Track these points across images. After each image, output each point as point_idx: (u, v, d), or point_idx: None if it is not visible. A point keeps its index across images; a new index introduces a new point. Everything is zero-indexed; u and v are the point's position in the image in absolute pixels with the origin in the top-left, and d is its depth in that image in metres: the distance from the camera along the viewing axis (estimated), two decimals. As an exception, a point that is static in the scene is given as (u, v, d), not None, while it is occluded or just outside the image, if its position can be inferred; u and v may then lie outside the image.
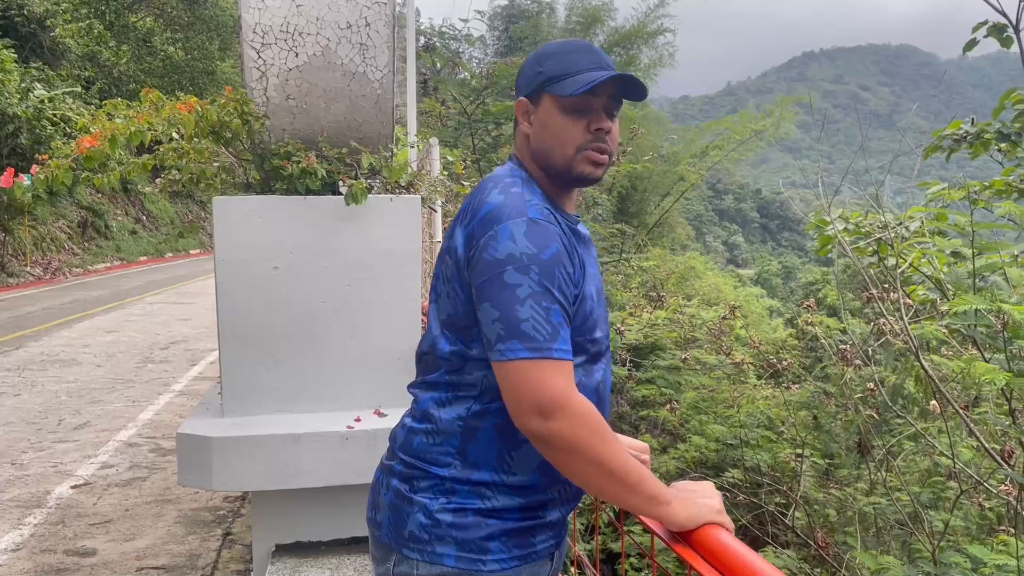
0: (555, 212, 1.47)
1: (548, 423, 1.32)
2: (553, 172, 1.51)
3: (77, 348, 10.36)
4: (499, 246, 1.37)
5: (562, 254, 1.39)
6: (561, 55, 1.50)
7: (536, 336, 1.33)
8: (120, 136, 3.01)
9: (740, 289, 25.07)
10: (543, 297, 1.34)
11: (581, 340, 1.47)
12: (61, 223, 22.97)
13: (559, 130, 1.48)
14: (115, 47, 28.89)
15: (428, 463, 1.49)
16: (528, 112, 1.54)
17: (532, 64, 1.53)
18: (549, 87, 1.48)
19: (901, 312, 4.27)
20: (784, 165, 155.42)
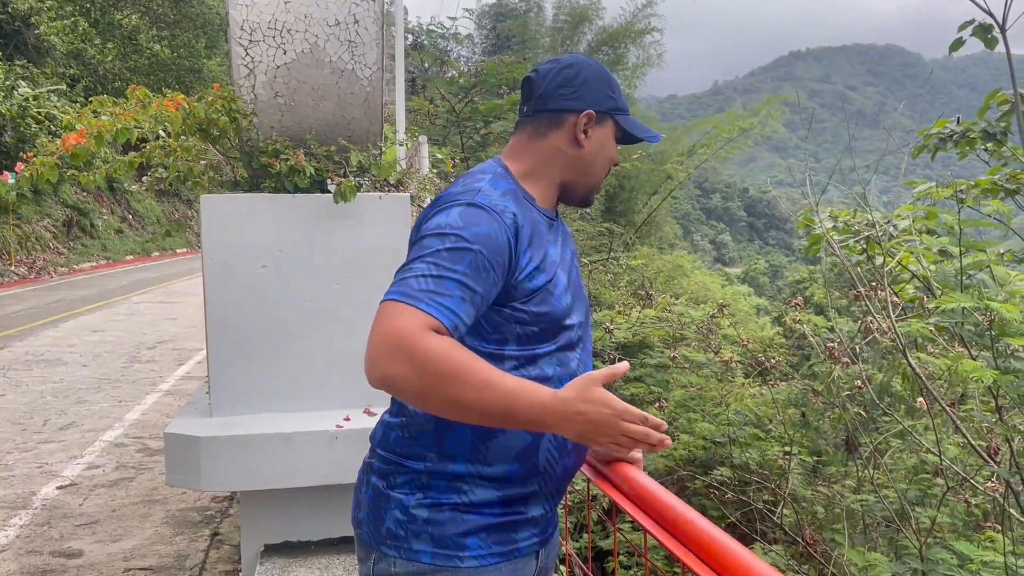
0: (521, 206, 1.47)
1: (385, 366, 1.26)
2: (577, 184, 1.60)
3: (62, 348, 10.28)
4: (435, 219, 1.40)
5: (491, 238, 1.36)
6: (619, 89, 1.62)
7: (415, 287, 1.30)
8: (106, 133, 2.98)
9: (728, 287, 25.16)
10: (446, 263, 1.32)
11: (547, 327, 1.47)
12: (46, 222, 22.79)
13: (610, 155, 1.61)
14: (100, 45, 28.71)
15: (404, 457, 1.49)
16: (589, 126, 1.57)
17: (602, 85, 1.58)
18: (618, 116, 1.59)
19: (888, 310, 4.30)
20: (771, 164, 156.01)
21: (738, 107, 31.21)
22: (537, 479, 1.49)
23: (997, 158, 5.25)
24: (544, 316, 1.46)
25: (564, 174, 1.57)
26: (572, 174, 1.58)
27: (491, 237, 1.37)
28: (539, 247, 1.47)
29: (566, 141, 1.56)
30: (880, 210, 5.37)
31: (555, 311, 1.47)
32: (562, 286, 1.50)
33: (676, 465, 6.15)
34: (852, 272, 4.95)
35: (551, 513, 1.58)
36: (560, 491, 1.56)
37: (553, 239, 1.55)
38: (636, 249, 15.98)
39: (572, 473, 1.57)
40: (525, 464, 1.47)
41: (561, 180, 1.58)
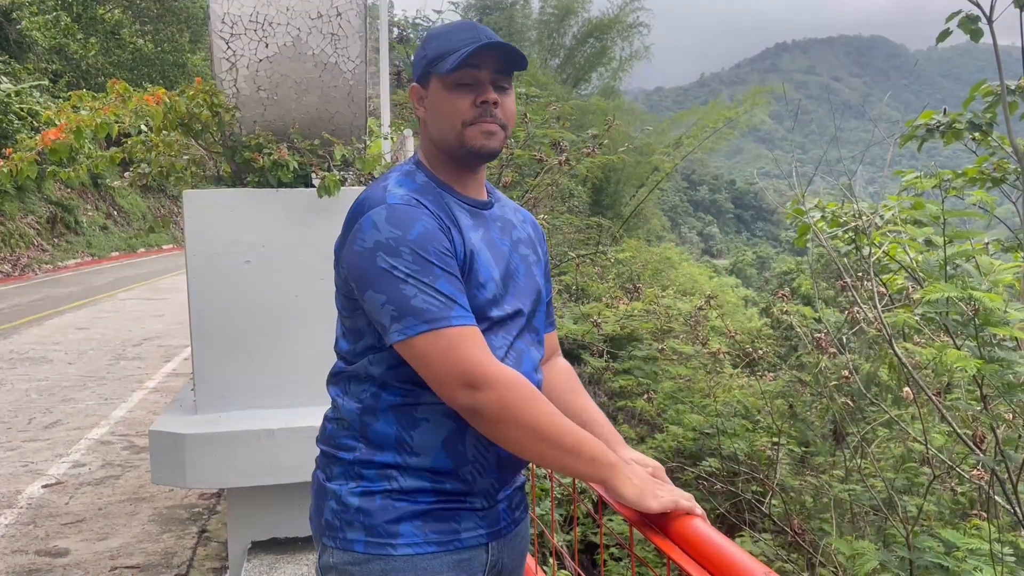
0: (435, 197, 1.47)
1: (476, 394, 1.33)
2: (449, 151, 1.52)
3: (47, 345, 10.20)
4: (365, 236, 1.40)
5: (431, 230, 1.40)
6: (442, 35, 1.51)
7: (429, 309, 1.35)
8: (86, 128, 2.95)
9: (715, 279, 25.23)
10: (423, 273, 1.36)
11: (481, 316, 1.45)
12: (30, 219, 22.59)
13: (447, 108, 1.49)
14: (83, 39, 28.41)
15: (337, 448, 1.51)
16: (421, 97, 1.55)
17: (419, 50, 1.55)
18: (433, 68, 1.49)
19: (875, 300, 4.31)
20: (757, 156, 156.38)
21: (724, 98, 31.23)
22: (467, 468, 1.47)
23: (984, 147, 5.28)
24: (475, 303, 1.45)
25: (436, 144, 1.54)
26: (436, 139, 1.53)
27: (429, 229, 1.40)
28: (457, 234, 1.46)
29: (420, 122, 1.58)
30: (867, 200, 5.39)
31: (477, 301, 1.45)
32: (487, 273, 1.48)
33: (665, 456, 6.16)
34: (838, 263, 4.96)
35: (503, 507, 1.54)
36: (501, 483, 1.53)
37: (476, 226, 1.52)
38: (624, 242, 15.99)
39: (511, 463, 1.52)
40: (452, 453, 1.45)
41: (442, 154, 1.54)
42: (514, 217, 1.67)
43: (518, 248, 1.60)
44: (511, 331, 1.52)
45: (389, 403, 1.46)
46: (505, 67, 1.50)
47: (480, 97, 1.48)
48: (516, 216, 1.68)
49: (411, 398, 1.45)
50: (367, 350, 1.48)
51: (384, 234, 1.38)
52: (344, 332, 1.54)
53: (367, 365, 1.47)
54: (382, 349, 1.45)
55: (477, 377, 1.33)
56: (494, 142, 1.50)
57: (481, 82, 1.48)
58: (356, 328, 1.49)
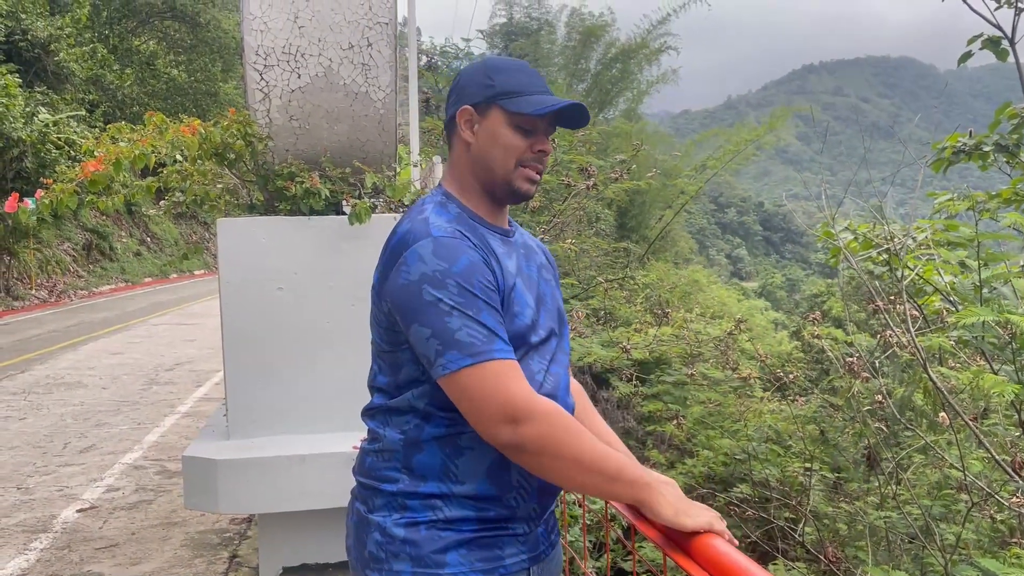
0: (470, 229, 1.48)
1: (519, 429, 1.34)
2: (490, 183, 1.54)
3: (82, 371, 10.36)
4: (411, 269, 1.41)
5: (476, 263, 1.41)
6: (511, 72, 1.53)
7: (473, 342, 1.36)
8: (124, 159, 3.02)
9: (744, 302, 25.02)
10: (468, 306, 1.37)
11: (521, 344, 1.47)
12: (66, 246, 23.05)
13: (505, 143, 1.51)
14: (119, 70, 29.09)
15: (379, 480, 1.51)
16: (472, 121, 1.53)
17: (479, 75, 1.54)
18: (501, 100, 1.50)
19: (908, 324, 4.26)
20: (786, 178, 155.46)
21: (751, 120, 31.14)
22: (512, 495, 1.48)
23: (1019, 169, 5.22)
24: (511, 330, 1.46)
25: (476, 177, 1.54)
26: (480, 173, 1.54)
27: (474, 263, 1.41)
28: (495, 263, 1.48)
29: (462, 144, 1.55)
30: (898, 222, 5.35)
31: (515, 328, 1.46)
32: (523, 300, 1.50)
33: (695, 482, 6.10)
34: (869, 286, 4.91)
35: (542, 530, 1.56)
36: (543, 508, 1.54)
37: (508, 253, 1.54)
38: (651, 265, 15.93)
39: (551, 488, 1.54)
40: (496, 480, 1.46)
41: (479, 184, 1.55)
42: (532, 243, 1.70)
43: (541, 273, 1.63)
44: (546, 355, 1.54)
45: (433, 434, 1.47)
46: (563, 123, 1.56)
47: (538, 145, 1.53)
48: (532, 242, 1.71)
49: (456, 428, 1.45)
50: (410, 383, 1.48)
51: (430, 267, 1.39)
52: (382, 367, 1.54)
53: (411, 399, 1.48)
54: (426, 382, 1.46)
55: (519, 411, 1.34)
56: (534, 188, 1.56)
57: (539, 130, 1.52)
58: (396, 362, 1.50)
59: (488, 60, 1.58)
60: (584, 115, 1.53)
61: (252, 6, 3.19)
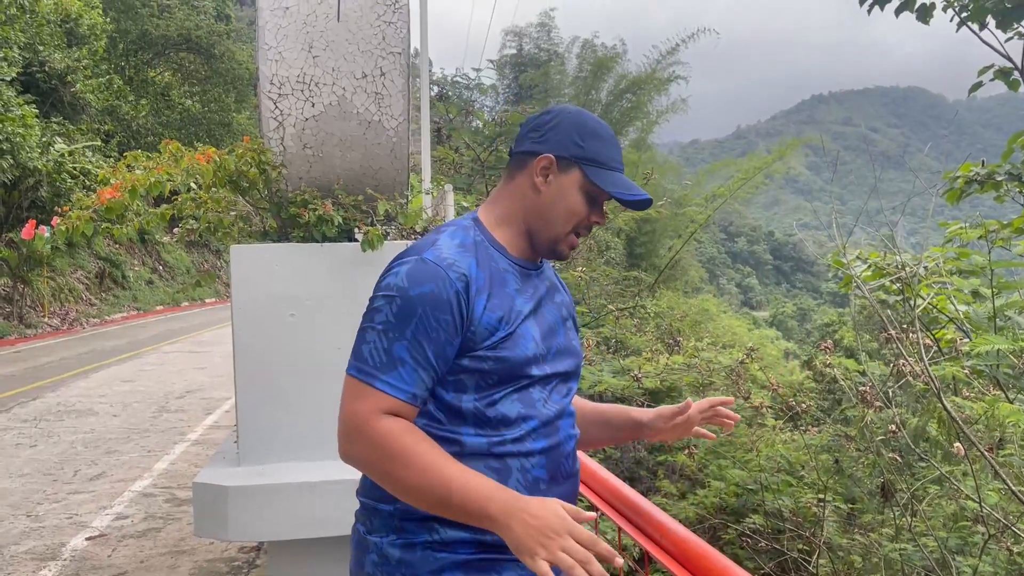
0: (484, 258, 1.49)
1: (346, 446, 1.42)
2: (538, 234, 1.55)
3: (93, 398, 10.39)
4: (387, 277, 1.47)
5: (434, 296, 1.40)
6: (603, 142, 1.53)
7: (368, 360, 1.41)
8: (140, 187, 3.05)
9: (755, 331, 24.91)
10: (393, 329, 1.40)
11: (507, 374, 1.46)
12: (79, 274, 23.21)
13: (571, 206, 1.52)
14: (134, 101, 29.51)
15: (376, 500, 1.52)
16: (549, 171, 1.52)
17: (571, 130, 1.52)
18: (585, 166, 1.51)
19: (921, 353, 4.23)
20: (796, 207, 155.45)
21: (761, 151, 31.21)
22: None
23: (1029, 198, 5.22)
24: (504, 361, 1.45)
25: (527, 220, 1.54)
26: (533, 220, 1.54)
27: (434, 295, 1.41)
28: (501, 297, 1.47)
29: (528, 184, 1.54)
30: (909, 252, 5.33)
31: (516, 358, 1.46)
32: (528, 335, 1.49)
33: (707, 513, 6.03)
34: (881, 315, 4.89)
35: None
36: None
37: (524, 289, 1.54)
38: (661, 293, 15.91)
39: None
40: None
41: (526, 227, 1.55)
42: (556, 280, 1.70)
43: (560, 310, 1.63)
44: (548, 387, 1.54)
45: None
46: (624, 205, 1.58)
47: (595, 216, 1.55)
48: (557, 279, 1.71)
49: (452, 448, 1.45)
50: None
51: (396, 280, 1.44)
52: None
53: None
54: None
55: (352, 430, 1.40)
56: (570, 255, 1.60)
57: (600, 202, 1.55)
58: None
59: (584, 116, 1.56)
60: (648, 206, 1.56)
61: (267, 36, 3.24)
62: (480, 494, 1.33)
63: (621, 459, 7.09)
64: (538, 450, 1.49)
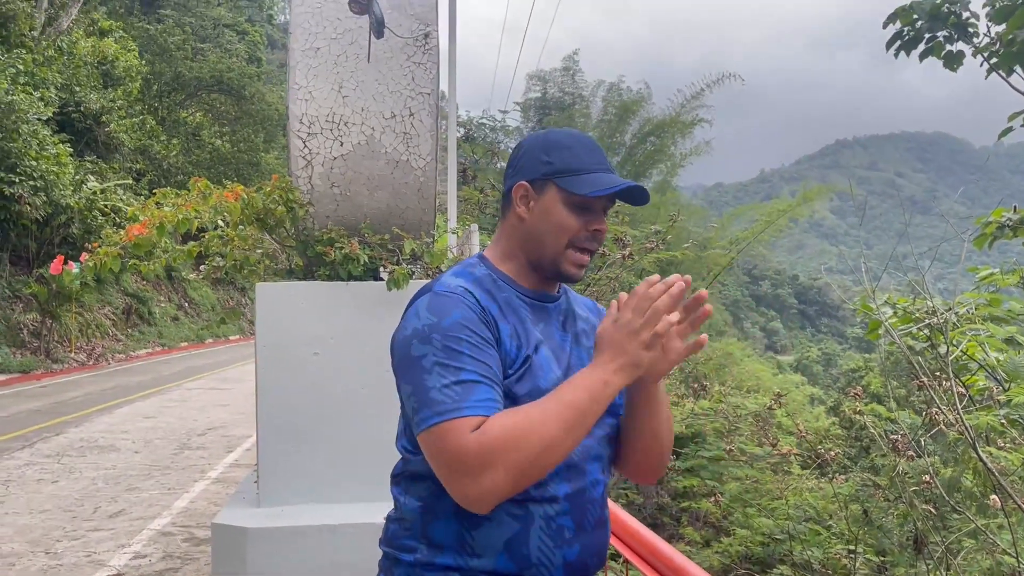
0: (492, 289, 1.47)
1: (485, 484, 1.27)
2: (539, 261, 1.51)
3: (116, 434, 10.40)
4: (407, 325, 1.42)
5: (467, 317, 1.38)
6: (570, 149, 1.50)
7: (445, 401, 1.32)
8: (168, 224, 3.07)
9: (779, 376, 24.60)
10: (450, 359, 1.34)
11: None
12: (107, 309, 23.45)
13: (559, 222, 1.48)
14: (166, 141, 30.07)
15: (398, 550, 1.47)
16: (528, 197, 1.51)
17: (536, 151, 1.52)
18: (558, 179, 1.48)
19: (955, 401, 4.14)
20: (821, 251, 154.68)
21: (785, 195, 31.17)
22: (532, 571, 1.40)
23: (1062, 244, 5.13)
24: (525, 398, 1.39)
25: (524, 252, 1.53)
26: (529, 250, 1.52)
27: (466, 318, 1.38)
28: (516, 325, 1.45)
29: (515, 218, 1.53)
30: (938, 297, 5.25)
31: (538, 390, 1.40)
32: (547, 365, 1.45)
33: (733, 562, 5.88)
34: (913, 361, 4.79)
35: None
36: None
37: (536, 320, 1.51)
38: (685, 337, 15.77)
39: (579, 567, 1.44)
40: (515, 556, 1.39)
41: (526, 259, 1.53)
42: (579, 309, 1.65)
43: (580, 341, 1.57)
44: None
45: (450, 502, 1.40)
46: (623, 200, 1.53)
47: (594, 224, 1.49)
48: (581, 308, 1.66)
49: None
50: None
51: (422, 321, 1.39)
52: (404, 428, 1.51)
53: (424, 461, 1.43)
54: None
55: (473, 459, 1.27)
56: (581, 273, 1.53)
57: (596, 209, 1.50)
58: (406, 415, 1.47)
59: (548, 134, 1.55)
60: (643, 194, 1.50)
61: (298, 76, 3.27)
62: (592, 384, 1.33)
63: (644, 505, 6.96)
64: (562, 495, 1.43)
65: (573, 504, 1.44)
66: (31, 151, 17.63)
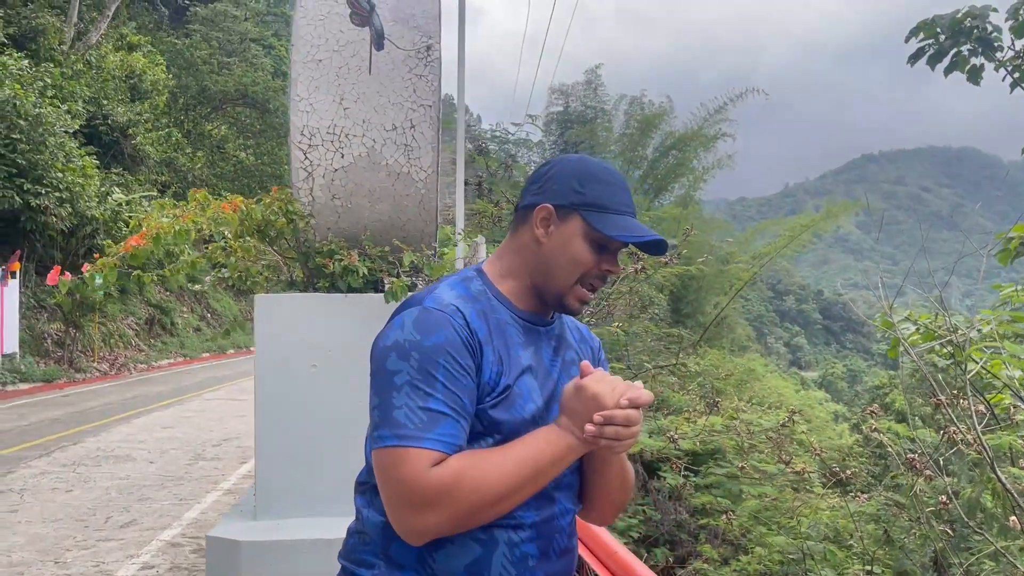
0: (485, 309, 1.43)
1: (429, 518, 1.28)
2: (544, 287, 1.47)
3: (133, 444, 10.46)
4: (389, 334, 1.38)
5: (451, 342, 1.35)
6: (604, 184, 1.46)
7: (407, 424, 1.30)
8: (165, 235, 3.06)
9: (802, 392, 24.32)
10: (423, 382, 1.31)
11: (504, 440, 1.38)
12: (130, 320, 23.69)
13: (576, 255, 1.45)
14: (191, 153, 30.43)
15: (356, 565, 1.43)
16: (549, 221, 1.46)
17: (569, 177, 1.47)
18: (585, 212, 1.44)
19: (973, 420, 4.04)
20: (845, 266, 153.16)
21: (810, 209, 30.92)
22: None
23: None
24: (501, 425, 1.37)
25: (531, 274, 1.48)
26: (537, 275, 1.47)
27: (450, 341, 1.35)
28: (502, 351, 1.41)
29: (530, 237, 1.48)
30: (962, 314, 5.14)
31: (514, 420, 1.38)
32: (528, 394, 1.41)
33: (748, 582, 5.78)
34: (931, 379, 4.69)
35: None
36: None
37: (527, 343, 1.46)
38: (705, 351, 15.64)
39: None
40: None
41: (531, 281, 1.48)
42: (570, 336, 1.60)
43: (569, 370, 1.52)
44: None
45: None
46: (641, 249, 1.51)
47: (606, 265, 1.46)
48: (573, 335, 1.61)
49: None
50: None
51: (405, 335, 1.36)
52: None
53: None
54: None
55: (424, 497, 1.27)
56: (582, 309, 1.51)
57: (612, 250, 1.47)
58: None
59: (586, 163, 1.50)
60: (661, 246, 1.47)
61: (300, 88, 3.26)
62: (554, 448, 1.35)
63: (661, 521, 6.86)
64: (528, 523, 1.39)
65: (539, 531, 1.41)
66: (57, 163, 17.89)
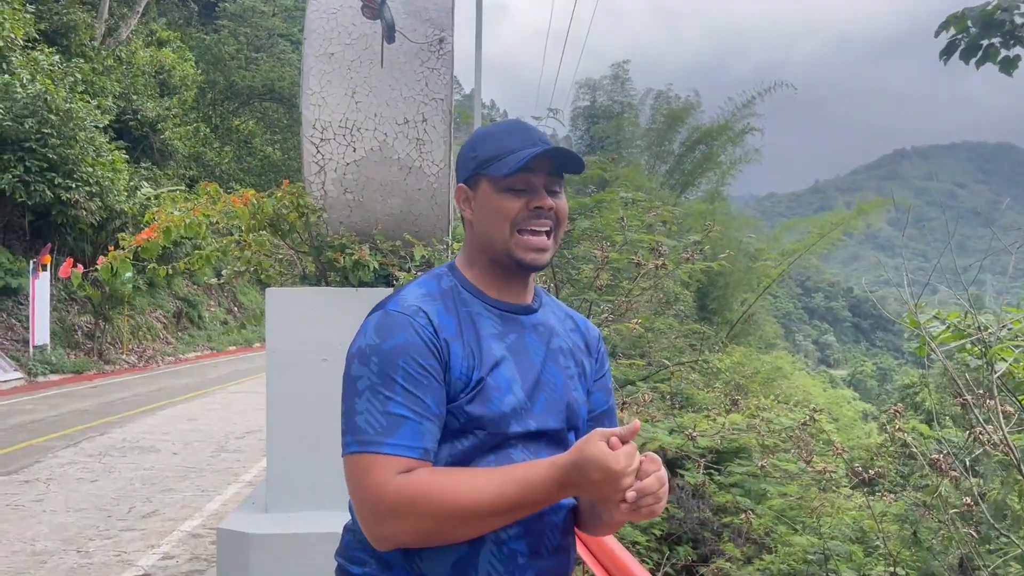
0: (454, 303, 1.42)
1: (389, 527, 1.27)
2: (495, 257, 1.46)
3: (157, 435, 10.57)
4: (356, 340, 1.40)
5: (410, 343, 1.34)
6: (494, 136, 1.47)
7: (367, 430, 1.30)
8: (175, 228, 3.07)
9: (830, 391, 24.05)
10: (383, 385, 1.31)
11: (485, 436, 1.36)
12: (158, 313, 23.97)
13: (496, 210, 1.44)
14: (218, 148, 30.70)
15: (349, 562, 1.43)
16: (468, 198, 1.49)
17: (467, 150, 1.51)
18: (484, 169, 1.45)
19: (1000, 421, 3.96)
20: (876, 263, 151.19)
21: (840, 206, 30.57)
22: None
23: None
24: (481, 420, 1.35)
25: (481, 251, 1.48)
26: (483, 247, 1.47)
27: (409, 343, 1.34)
28: (473, 344, 1.39)
29: (467, 224, 1.52)
30: (994, 313, 5.05)
31: (492, 414, 1.35)
32: (506, 386, 1.39)
33: (770, 582, 5.71)
34: (958, 378, 4.60)
35: None
36: None
37: (504, 333, 1.44)
38: (731, 349, 15.49)
39: None
40: (464, 574, 1.35)
41: (486, 258, 1.48)
42: (559, 324, 1.56)
43: (556, 359, 1.49)
44: (532, 448, 1.40)
45: None
46: (559, 171, 1.46)
47: (534, 202, 1.44)
48: (563, 324, 1.57)
49: None
50: None
51: (367, 340, 1.37)
52: None
53: None
54: None
55: (383, 507, 1.26)
56: (543, 258, 1.46)
57: (535, 187, 1.44)
58: None
59: (476, 132, 1.53)
60: (572, 159, 1.44)
61: (312, 82, 3.25)
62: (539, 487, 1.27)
63: (685, 519, 6.80)
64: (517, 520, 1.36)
65: (529, 529, 1.38)
66: (88, 157, 18.13)
